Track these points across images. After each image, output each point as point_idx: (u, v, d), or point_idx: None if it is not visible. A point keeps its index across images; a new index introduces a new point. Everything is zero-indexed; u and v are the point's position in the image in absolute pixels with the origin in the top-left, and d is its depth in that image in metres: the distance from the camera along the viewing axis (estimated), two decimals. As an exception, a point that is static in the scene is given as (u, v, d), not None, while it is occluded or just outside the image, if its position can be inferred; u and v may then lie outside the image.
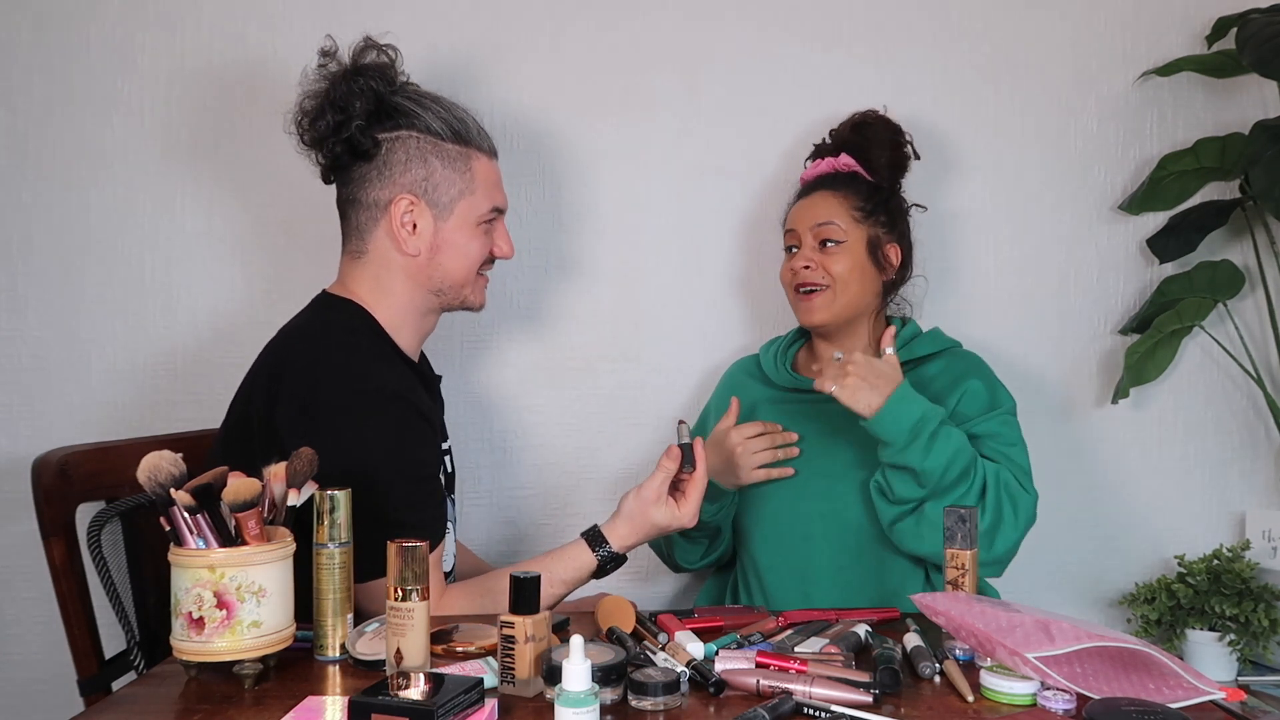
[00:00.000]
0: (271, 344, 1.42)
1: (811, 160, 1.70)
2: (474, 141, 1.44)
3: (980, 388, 1.52)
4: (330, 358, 1.34)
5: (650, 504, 1.36)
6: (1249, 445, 1.91)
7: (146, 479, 1.08)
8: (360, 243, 1.44)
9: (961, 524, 1.20)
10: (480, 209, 1.44)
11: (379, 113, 1.41)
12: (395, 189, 1.41)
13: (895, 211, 1.63)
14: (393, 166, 1.41)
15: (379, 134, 1.41)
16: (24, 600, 1.80)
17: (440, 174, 1.42)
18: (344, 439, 1.28)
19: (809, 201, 1.61)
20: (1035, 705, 1.00)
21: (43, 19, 1.80)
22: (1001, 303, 1.90)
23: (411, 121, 1.42)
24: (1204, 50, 1.85)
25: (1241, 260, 1.86)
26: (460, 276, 1.45)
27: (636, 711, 1.00)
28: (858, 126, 1.66)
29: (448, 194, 1.42)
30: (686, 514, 1.37)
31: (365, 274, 1.44)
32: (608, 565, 1.37)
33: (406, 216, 1.41)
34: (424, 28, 1.83)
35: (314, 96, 1.42)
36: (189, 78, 1.82)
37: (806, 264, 1.56)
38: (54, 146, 1.81)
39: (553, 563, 1.36)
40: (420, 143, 1.41)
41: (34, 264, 1.82)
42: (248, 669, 1.07)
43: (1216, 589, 1.72)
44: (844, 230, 1.56)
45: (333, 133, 1.40)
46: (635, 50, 1.86)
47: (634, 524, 1.37)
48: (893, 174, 1.64)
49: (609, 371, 1.89)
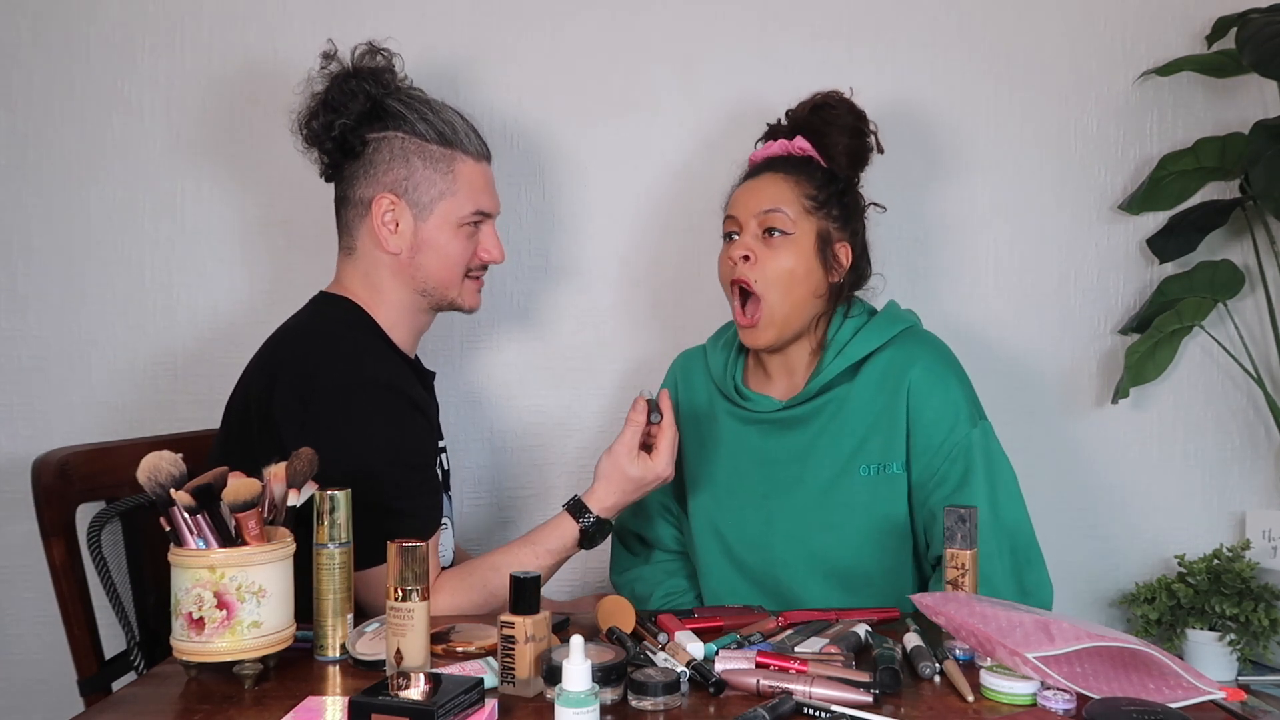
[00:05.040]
0: (269, 342, 1.43)
1: (763, 141, 1.55)
2: (460, 144, 1.46)
3: (935, 416, 1.40)
4: (326, 351, 1.36)
5: (622, 459, 1.38)
6: (1249, 445, 1.91)
7: (146, 479, 1.08)
8: (350, 240, 1.48)
9: (961, 524, 1.20)
10: (462, 210, 1.45)
11: (372, 114, 1.44)
12: (377, 187, 1.44)
13: (851, 207, 1.48)
14: (377, 165, 1.44)
15: (368, 134, 1.44)
16: (24, 600, 1.80)
17: (421, 174, 1.43)
18: (340, 429, 1.30)
19: (755, 184, 1.47)
20: (1035, 705, 1.00)
21: (43, 19, 1.81)
22: (1001, 303, 1.89)
23: (400, 124, 1.44)
24: (1204, 50, 1.85)
25: (1241, 260, 1.86)
26: (443, 277, 1.46)
27: (636, 711, 1.00)
28: (818, 108, 1.50)
29: (428, 194, 1.44)
30: (660, 463, 1.38)
31: (356, 271, 1.47)
32: (593, 532, 1.39)
33: (388, 215, 1.43)
34: (422, 29, 1.83)
35: (314, 96, 1.45)
36: (189, 78, 1.82)
37: (746, 253, 1.43)
38: (54, 146, 1.81)
39: (537, 535, 1.40)
40: (404, 143, 1.44)
41: (34, 264, 1.82)
42: (248, 669, 1.07)
43: (1216, 589, 1.72)
44: (792, 220, 1.42)
45: (325, 131, 1.43)
46: (633, 49, 1.86)
47: (610, 483, 1.39)
48: (851, 163, 1.48)
49: (608, 371, 1.89)
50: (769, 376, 1.54)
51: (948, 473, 1.40)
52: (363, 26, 1.81)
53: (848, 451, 1.44)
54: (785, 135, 1.52)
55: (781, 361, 1.51)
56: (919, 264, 1.85)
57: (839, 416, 1.45)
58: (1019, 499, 1.43)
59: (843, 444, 1.44)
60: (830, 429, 1.45)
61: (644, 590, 1.62)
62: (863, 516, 1.43)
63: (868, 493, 1.43)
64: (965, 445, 1.40)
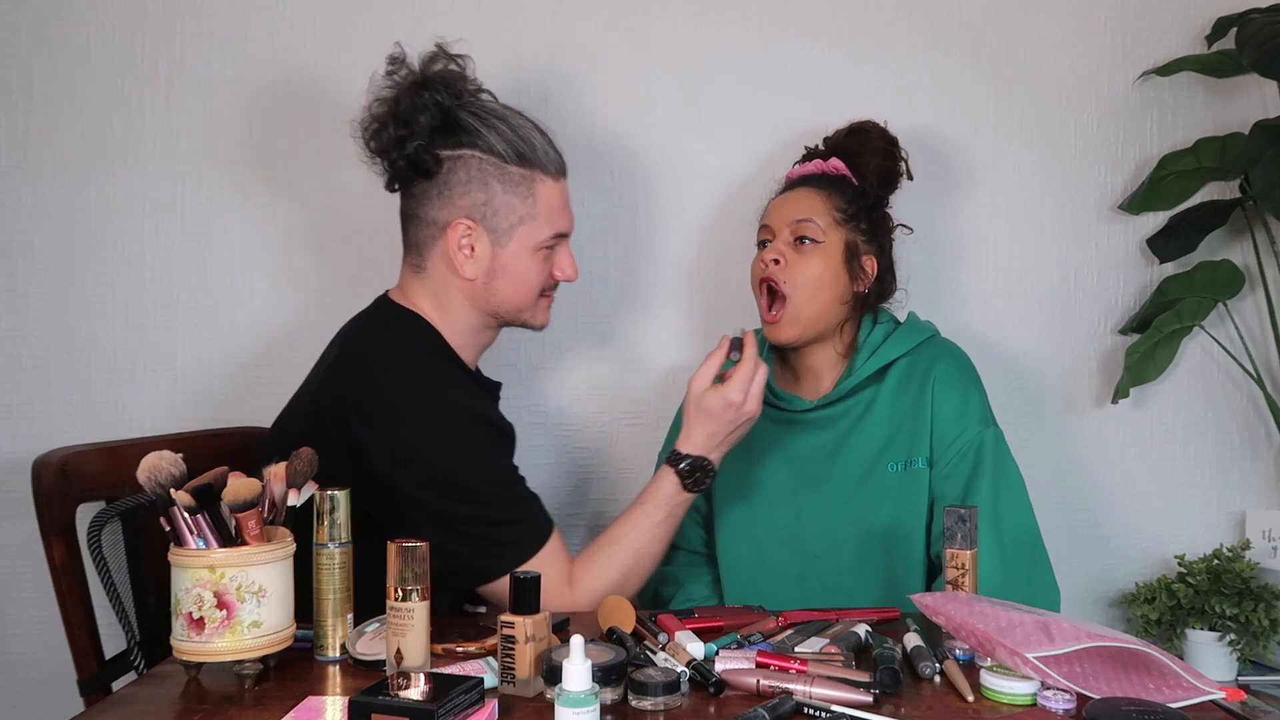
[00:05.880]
0: (342, 356, 1.39)
1: (800, 163, 1.64)
2: (539, 163, 1.40)
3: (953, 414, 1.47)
4: (409, 381, 1.34)
5: (694, 392, 1.38)
6: (1249, 445, 1.91)
7: (146, 479, 1.08)
8: (419, 258, 1.43)
9: (961, 524, 1.20)
10: (541, 235, 1.41)
11: (444, 128, 1.37)
12: (454, 211, 1.38)
13: (878, 223, 1.56)
14: (453, 187, 1.38)
15: (442, 151, 1.38)
16: (24, 600, 1.80)
17: (501, 199, 1.38)
18: (443, 466, 1.30)
19: (790, 197, 1.55)
20: (1035, 705, 1.00)
21: (43, 19, 1.81)
22: (1001, 303, 1.89)
23: (475, 140, 1.37)
24: (1204, 50, 1.85)
25: (1241, 260, 1.86)
26: (518, 301, 1.43)
27: (636, 711, 1.00)
28: (853, 132, 1.60)
29: (507, 219, 1.39)
30: (730, 390, 1.36)
31: (425, 289, 1.43)
32: (694, 473, 1.38)
33: (464, 240, 1.39)
34: (422, 26, 1.82)
35: (381, 103, 1.38)
36: (189, 78, 1.82)
37: (777, 257, 1.49)
38: (54, 147, 1.81)
39: (642, 495, 1.40)
40: (482, 164, 1.38)
41: (34, 264, 1.82)
42: (248, 669, 1.07)
43: (1216, 589, 1.72)
44: (822, 230, 1.49)
45: (395, 146, 1.37)
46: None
47: (692, 421, 1.39)
48: (882, 184, 1.57)
49: (610, 371, 1.89)
50: (796, 379, 1.60)
51: (956, 471, 1.46)
52: (364, 24, 1.81)
53: (876, 449, 1.50)
54: (821, 157, 1.60)
55: (809, 365, 1.57)
56: (919, 264, 1.84)
57: (867, 416, 1.51)
58: (1026, 504, 1.47)
59: (871, 442, 1.50)
60: (860, 428, 1.51)
61: (669, 593, 1.63)
62: (891, 512, 1.47)
63: (896, 488, 1.48)
64: (976, 444, 1.46)
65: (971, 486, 1.45)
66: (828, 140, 1.63)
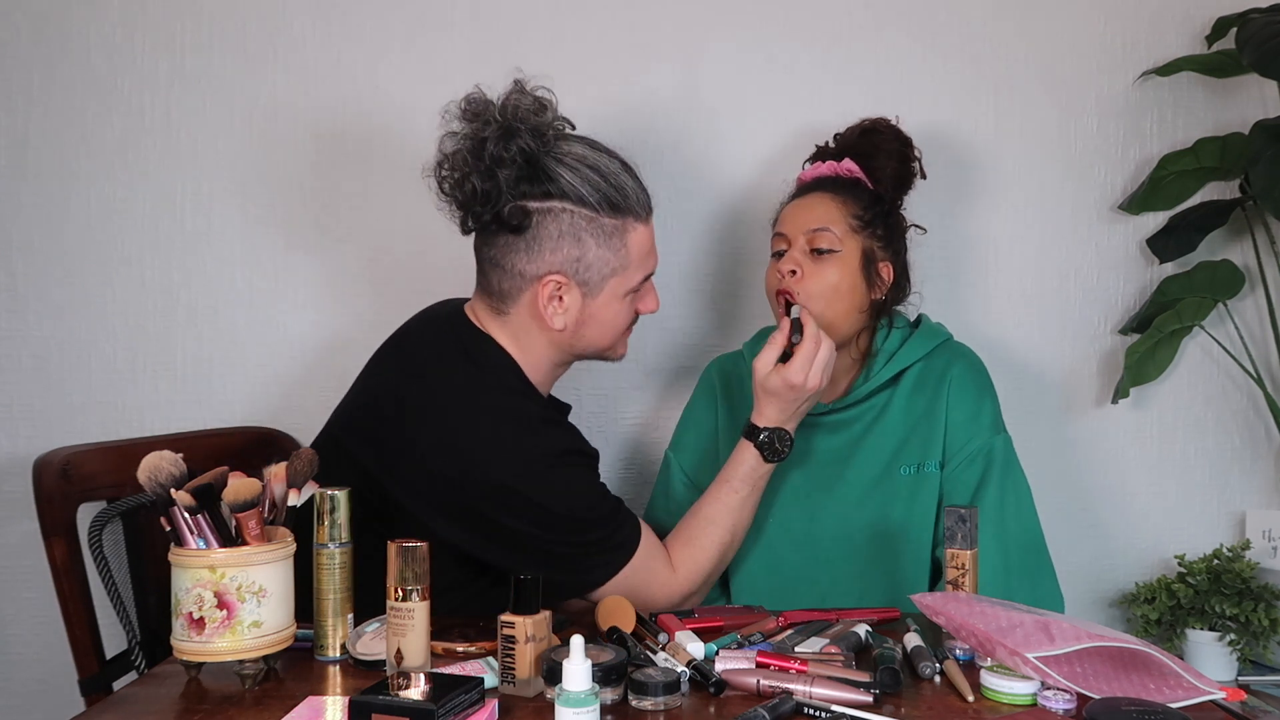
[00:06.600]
0: (410, 376, 1.36)
1: (811, 163, 1.61)
2: (631, 210, 1.34)
3: (965, 418, 1.48)
4: (507, 438, 1.31)
5: (759, 373, 1.40)
6: (1249, 445, 1.91)
7: (147, 479, 1.08)
8: (502, 304, 1.36)
9: (962, 524, 1.20)
10: (632, 282, 1.37)
11: (530, 176, 1.30)
12: (545, 266, 1.32)
13: (894, 228, 1.54)
14: (543, 241, 1.31)
15: (530, 203, 1.30)
16: (24, 600, 1.80)
17: (594, 253, 1.32)
18: (542, 502, 1.30)
19: (804, 203, 1.52)
20: (1035, 705, 1.00)
21: (43, 19, 1.80)
22: (1001, 302, 1.89)
23: (564, 189, 1.30)
24: (1204, 50, 1.85)
25: (1241, 260, 1.86)
26: (603, 343, 1.41)
27: (636, 711, 1.00)
28: (866, 132, 1.57)
29: (600, 273, 1.34)
30: (792, 369, 1.37)
31: (505, 330, 1.38)
32: (772, 443, 1.40)
33: (554, 293, 1.34)
34: (423, 25, 1.82)
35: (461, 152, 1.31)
36: (188, 77, 1.82)
37: (794, 268, 1.46)
38: (54, 147, 1.81)
39: (723, 472, 1.43)
40: (574, 217, 1.31)
41: (34, 264, 1.82)
42: (248, 669, 1.07)
43: (1216, 589, 1.72)
44: (839, 239, 1.47)
45: (482, 201, 1.30)
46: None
47: (761, 398, 1.41)
48: (896, 186, 1.55)
49: (607, 372, 1.88)
50: None
51: (965, 475, 1.46)
52: (364, 23, 1.81)
53: (890, 453, 1.50)
54: (833, 157, 1.57)
55: None
56: (918, 264, 1.84)
57: (881, 420, 1.52)
58: (1032, 511, 1.48)
59: (885, 446, 1.50)
60: (874, 431, 1.51)
61: None
62: (902, 515, 1.48)
63: (908, 492, 1.48)
64: (986, 450, 1.47)
65: (979, 492, 1.45)
66: (839, 139, 1.60)
